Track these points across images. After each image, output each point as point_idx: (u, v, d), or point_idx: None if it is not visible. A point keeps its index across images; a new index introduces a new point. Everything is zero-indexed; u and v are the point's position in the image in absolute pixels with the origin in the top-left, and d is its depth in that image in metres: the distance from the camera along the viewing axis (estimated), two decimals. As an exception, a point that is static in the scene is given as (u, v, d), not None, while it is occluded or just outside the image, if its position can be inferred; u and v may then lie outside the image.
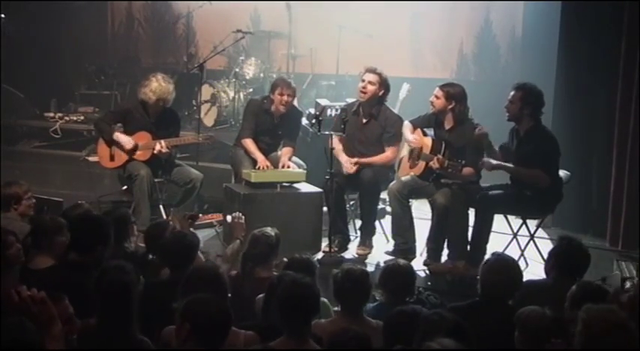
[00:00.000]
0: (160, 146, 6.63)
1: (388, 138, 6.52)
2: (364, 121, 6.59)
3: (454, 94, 6.16)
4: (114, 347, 3.30)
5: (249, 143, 6.90)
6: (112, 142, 6.81)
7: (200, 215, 7.18)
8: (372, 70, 6.48)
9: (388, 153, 6.53)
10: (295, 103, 7.09)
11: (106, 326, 3.34)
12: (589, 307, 3.10)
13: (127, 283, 3.40)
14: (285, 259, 4.67)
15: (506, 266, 4.06)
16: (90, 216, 4.57)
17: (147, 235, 4.92)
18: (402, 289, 4.20)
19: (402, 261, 4.48)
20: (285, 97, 6.77)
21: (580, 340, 3.02)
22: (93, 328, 3.37)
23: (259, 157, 6.81)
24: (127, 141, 6.73)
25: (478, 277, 4.21)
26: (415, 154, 6.32)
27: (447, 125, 6.23)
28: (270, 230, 4.68)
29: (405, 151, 6.56)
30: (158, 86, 6.67)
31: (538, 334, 3.30)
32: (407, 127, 6.47)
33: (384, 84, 6.48)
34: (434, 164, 5.99)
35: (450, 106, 6.15)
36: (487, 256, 4.90)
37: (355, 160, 6.45)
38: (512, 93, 5.90)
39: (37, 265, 4.30)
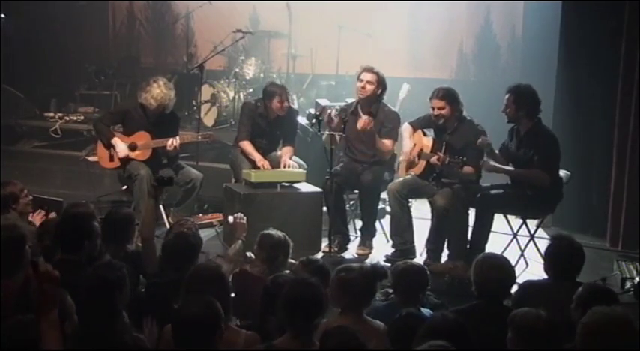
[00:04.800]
0: (175, 142, 6.62)
1: (387, 132, 6.51)
2: (363, 120, 6.60)
3: (453, 97, 6.15)
4: (94, 346, 3.24)
5: (246, 145, 6.92)
6: (109, 146, 6.82)
7: (200, 215, 7.23)
8: (370, 70, 6.49)
9: (386, 142, 6.51)
10: (295, 104, 7.11)
11: (86, 325, 3.31)
12: (596, 309, 3.10)
13: (109, 281, 3.35)
14: (292, 261, 4.68)
15: (496, 263, 4.08)
16: (72, 213, 4.53)
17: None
18: (414, 290, 4.20)
19: (414, 262, 4.48)
20: (285, 103, 6.83)
21: (580, 340, 3.03)
22: (76, 326, 3.35)
23: (257, 157, 6.82)
24: (121, 149, 6.73)
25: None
26: (416, 154, 6.32)
27: (450, 128, 6.23)
28: (279, 232, 4.69)
29: (402, 157, 6.54)
30: (160, 93, 6.65)
31: (532, 335, 3.29)
32: (406, 130, 6.46)
33: (382, 83, 6.50)
34: (435, 161, 6.00)
35: (455, 110, 6.16)
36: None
37: (370, 118, 6.36)
38: (505, 96, 5.92)
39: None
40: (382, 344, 3.60)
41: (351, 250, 6.56)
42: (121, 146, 6.74)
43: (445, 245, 6.21)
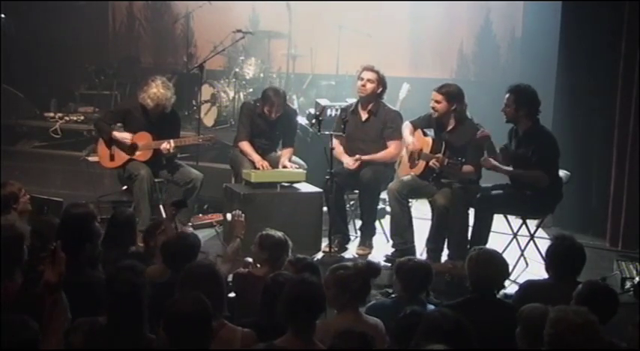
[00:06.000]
0: (168, 145, 6.63)
1: (390, 133, 6.54)
2: (364, 118, 6.61)
3: (454, 94, 6.17)
4: (125, 346, 3.33)
5: (245, 146, 6.92)
6: (111, 142, 6.81)
7: (200, 215, 7.24)
8: (370, 68, 6.54)
9: (391, 149, 6.54)
10: (295, 104, 7.10)
11: (117, 326, 3.37)
12: (560, 307, 3.16)
13: (137, 285, 3.42)
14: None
15: (489, 258, 4.14)
16: (73, 214, 4.53)
17: (145, 234, 4.93)
18: (423, 286, 4.22)
19: (420, 259, 4.51)
20: (272, 115, 6.82)
21: (546, 338, 3.09)
22: (103, 327, 3.38)
23: (256, 158, 6.83)
24: (125, 136, 6.73)
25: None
26: (415, 154, 6.33)
27: (449, 126, 6.23)
28: (278, 232, 4.69)
29: (404, 152, 6.56)
30: (157, 93, 6.64)
31: (540, 330, 3.31)
32: (407, 127, 6.47)
33: (382, 81, 6.56)
34: (434, 164, 6.00)
35: (453, 108, 6.16)
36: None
37: (357, 156, 6.45)
38: (506, 96, 5.92)
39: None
40: (381, 341, 3.61)
41: (351, 250, 6.56)
42: (122, 134, 6.73)
43: (445, 245, 6.21)
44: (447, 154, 6.01)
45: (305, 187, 6.67)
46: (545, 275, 4.56)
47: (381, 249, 6.50)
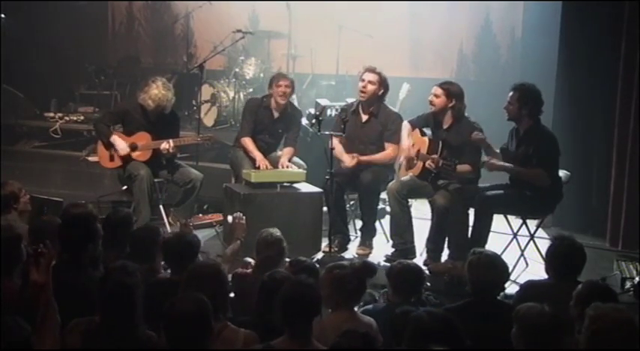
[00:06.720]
0: (168, 145, 6.64)
1: (389, 135, 6.54)
2: (364, 119, 6.61)
3: (454, 91, 6.17)
4: (118, 345, 3.33)
5: (247, 142, 6.92)
6: (109, 144, 6.82)
7: (200, 215, 7.24)
8: (372, 70, 6.53)
9: (389, 151, 6.54)
10: (296, 103, 7.10)
11: (109, 326, 3.37)
12: (597, 304, 3.15)
13: (129, 285, 3.42)
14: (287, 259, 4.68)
15: (490, 262, 4.14)
16: (74, 215, 4.53)
17: (133, 238, 4.89)
18: (409, 288, 4.22)
19: (410, 262, 4.51)
20: (282, 88, 6.82)
21: (586, 334, 3.10)
22: (97, 326, 3.38)
23: (258, 155, 6.82)
24: (122, 147, 6.73)
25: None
26: (412, 158, 6.33)
27: (445, 124, 6.24)
28: (277, 232, 4.68)
29: (402, 156, 6.55)
30: (157, 94, 6.65)
31: (536, 330, 3.31)
32: (405, 127, 6.47)
33: (383, 83, 6.53)
34: (429, 165, 6.01)
35: (451, 104, 6.17)
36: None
37: (355, 155, 6.46)
38: (510, 94, 5.93)
39: None
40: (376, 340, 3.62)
41: (351, 250, 6.56)
42: (121, 144, 6.74)
43: (445, 245, 6.21)
44: (444, 155, 6.01)
45: (305, 187, 6.66)
46: (545, 275, 4.56)
47: (381, 249, 6.50)
